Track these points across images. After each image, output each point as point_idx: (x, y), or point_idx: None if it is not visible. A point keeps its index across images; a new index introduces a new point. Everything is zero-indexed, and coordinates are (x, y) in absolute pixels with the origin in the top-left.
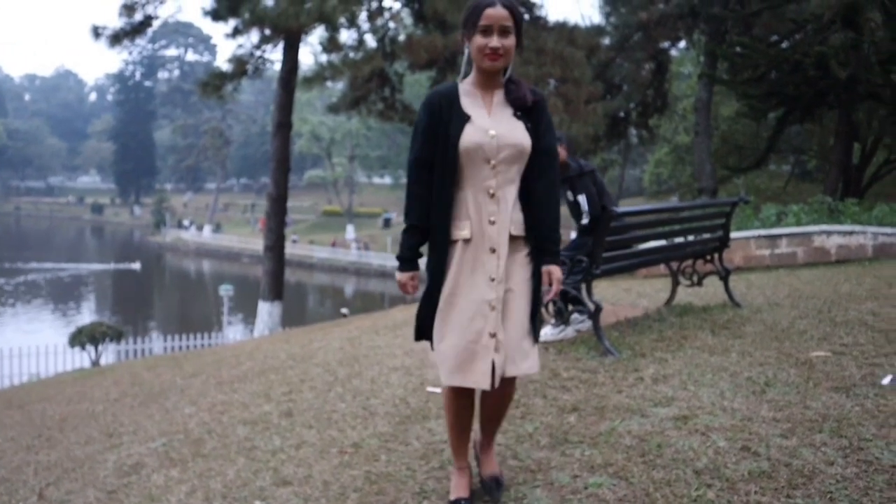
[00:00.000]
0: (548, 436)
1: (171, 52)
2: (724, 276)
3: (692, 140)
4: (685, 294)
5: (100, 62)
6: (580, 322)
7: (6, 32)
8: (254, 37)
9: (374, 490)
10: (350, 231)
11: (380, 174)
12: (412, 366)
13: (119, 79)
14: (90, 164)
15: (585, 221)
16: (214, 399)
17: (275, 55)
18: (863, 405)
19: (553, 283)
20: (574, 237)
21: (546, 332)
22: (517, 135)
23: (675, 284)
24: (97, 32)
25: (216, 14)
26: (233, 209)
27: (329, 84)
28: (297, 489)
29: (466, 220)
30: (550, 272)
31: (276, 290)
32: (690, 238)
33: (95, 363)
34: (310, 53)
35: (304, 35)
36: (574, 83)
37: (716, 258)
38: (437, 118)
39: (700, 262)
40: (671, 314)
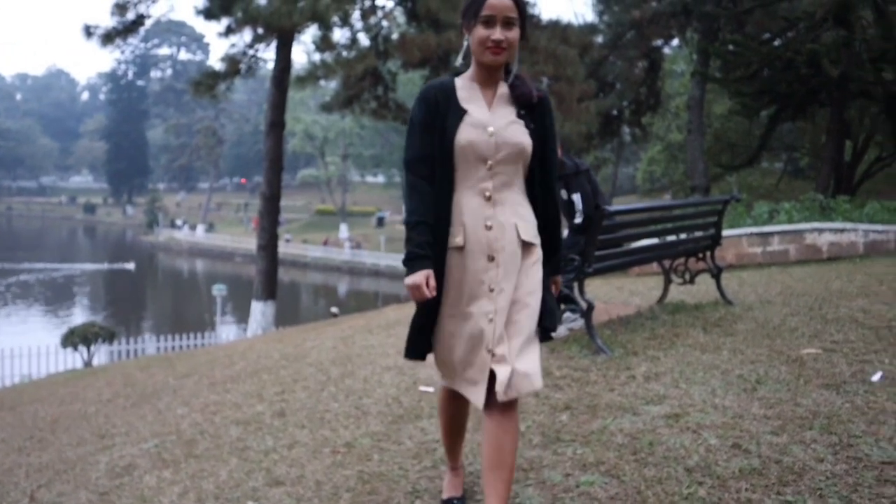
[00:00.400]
0: (540, 434)
1: (164, 51)
2: (716, 274)
3: (685, 138)
4: (677, 292)
5: (92, 61)
6: (572, 321)
7: None
8: (247, 36)
9: (367, 489)
10: (343, 230)
11: (373, 173)
12: (405, 365)
13: (111, 78)
14: (82, 164)
15: (579, 220)
16: (207, 399)
17: (268, 54)
18: (853, 402)
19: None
20: (567, 236)
21: None
22: (518, 134)
23: (668, 282)
24: (89, 31)
25: (209, 13)
26: (226, 208)
27: (322, 83)
28: (290, 489)
29: (460, 226)
30: (555, 283)
31: (270, 290)
32: (683, 236)
33: (88, 364)
34: (303, 52)
35: (297, 34)
36: (567, 81)
37: (708, 256)
38: (434, 112)
39: (692, 261)
40: (663, 312)
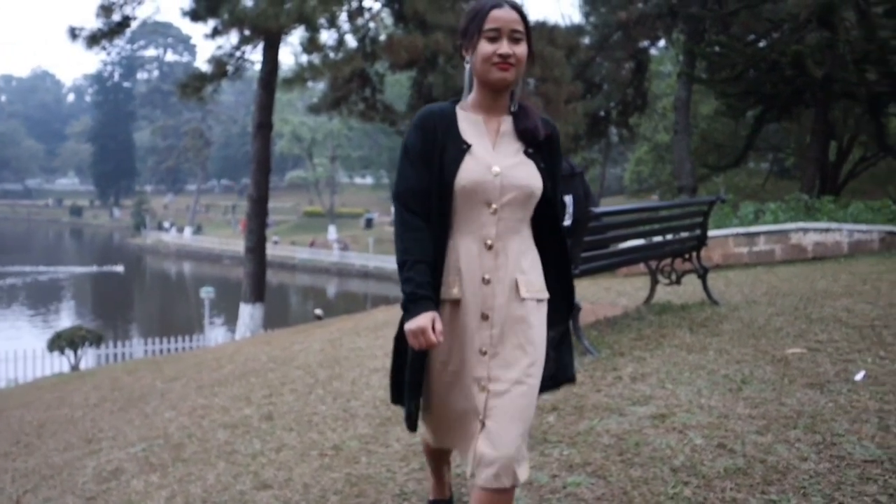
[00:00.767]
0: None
1: (150, 53)
2: (703, 275)
3: (672, 139)
4: (664, 292)
5: (78, 63)
6: None
7: None
8: (233, 37)
9: (355, 492)
10: (332, 231)
11: (361, 174)
12: None
13: (97, 80)
14: (68, 166)
15: (568, 222)
16: (195, 403)
17: (255, 56)
18: (836, 401)
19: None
20: None
21: None
22: (527, 175)
23: (654, 283)
24: (74, 34)
25: (195, 14)
26: (214, 211)
27: (310, 84)
28: (278, 492)
29: (455, 277)
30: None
31: (258, 292)
32: (669, 237)
33: (75, 368)
34: (290, 54)
35: (284, 35)
36: (554, 82)
37: (694, 257)
38: (432, 143)
39: (679, 261)
40: (650, 313)
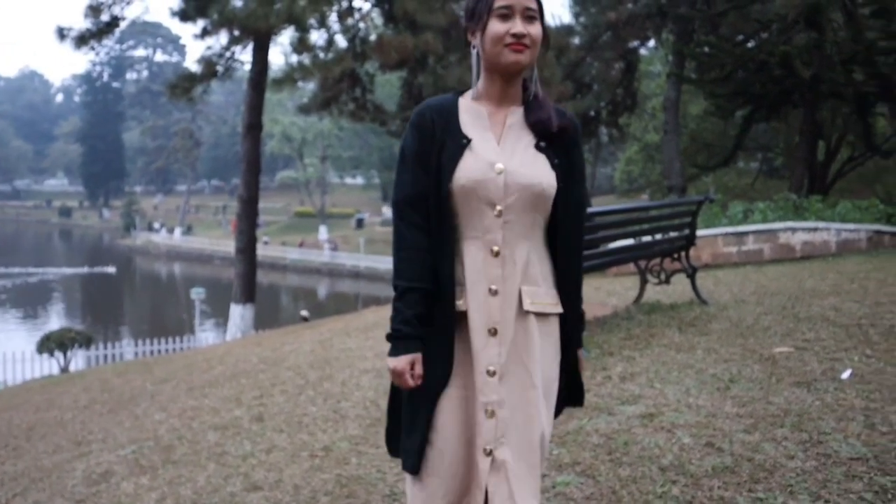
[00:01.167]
0: None
1: (140, 53)
2: (691, 274)
3: (661, 138)
4: (654, 292)
5: (66, 63)
6: None
7: None
8: (223, 38)
9: (345, 493)
10: (323, 232)
11: (352, 174)
12: (382, 368)
13: (86, 80)
14: (57, 167)
15: None
16: (185, 405)
17: (245, 56)
18: (823, 399)
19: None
20: None
21: None
22: (536, 172)
23: (644, 283)
24: (62, 34)
25: (184, 14)
26: (204, 211)
27: (300, 85)
28: (268, 494)
29: (460, 287)
30: (579, 358)
31: (249, 293)
32: (658, 237)
33: (64, 370)
34: (280, 54)
35: (274, 36)
36: (544, 83)
37: (683, 256)
38: (430, 140)
39: (668, 261)
40: (639, 312)
